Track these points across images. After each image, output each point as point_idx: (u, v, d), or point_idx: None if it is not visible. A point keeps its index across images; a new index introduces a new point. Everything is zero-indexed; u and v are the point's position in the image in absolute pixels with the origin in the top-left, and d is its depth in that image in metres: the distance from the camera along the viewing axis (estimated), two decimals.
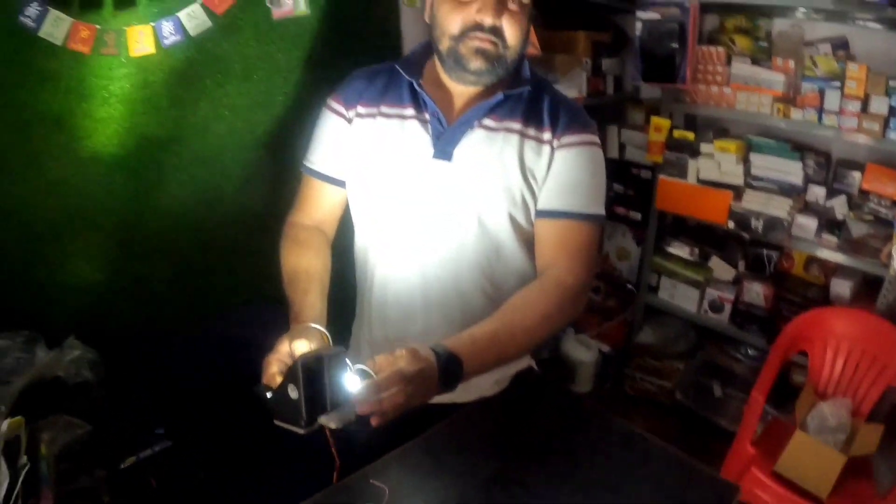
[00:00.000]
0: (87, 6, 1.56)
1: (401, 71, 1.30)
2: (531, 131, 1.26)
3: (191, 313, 1.94)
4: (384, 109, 1.30)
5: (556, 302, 1.19)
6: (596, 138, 1.31)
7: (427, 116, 1.27)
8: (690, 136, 2.54)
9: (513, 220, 1.25)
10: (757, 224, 2.39)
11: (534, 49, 2.17)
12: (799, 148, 2.42)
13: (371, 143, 1.29)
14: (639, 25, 2.51)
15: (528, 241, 1.30)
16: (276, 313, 1.28)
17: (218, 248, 1.89)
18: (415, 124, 1.27)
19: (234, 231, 1.87)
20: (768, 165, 2.41)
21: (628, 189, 2.90)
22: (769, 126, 2.45)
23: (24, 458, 1.34)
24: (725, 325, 2.65)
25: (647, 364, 2.81)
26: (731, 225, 2.46)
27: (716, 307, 2.66)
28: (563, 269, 1.23)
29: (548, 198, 1.27)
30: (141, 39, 1.61)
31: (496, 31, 1.18)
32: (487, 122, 1.26)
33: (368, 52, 2.01)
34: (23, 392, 1.57)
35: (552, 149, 1.26)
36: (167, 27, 1.63)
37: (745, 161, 2.45)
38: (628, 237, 3.05)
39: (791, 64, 2.34)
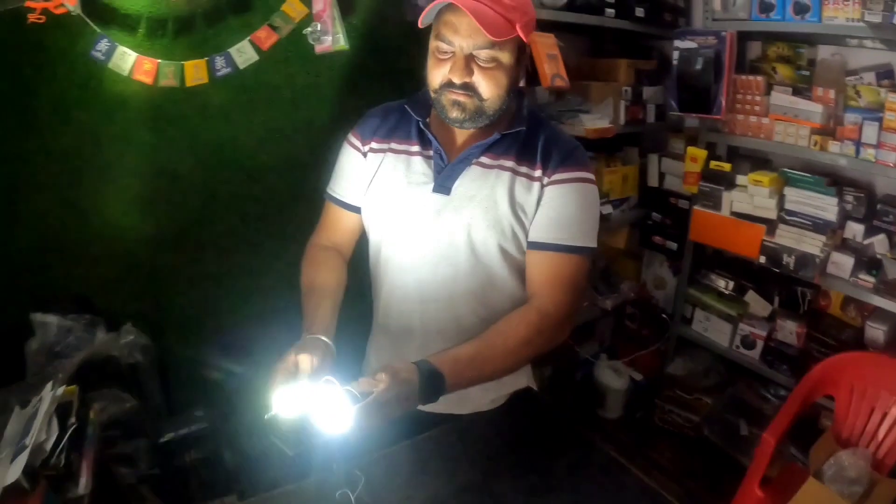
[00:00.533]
0: (149, 44, 1.87)
1: (409, 110, 1.42)
2: (523, 168, 1.35)
3: (236, 310, 2.17)
4: (394, 146, 1.44)
5: (536, 329, 1.28)
6: (589, 175, 1.38)
7: (431, 153, 1.40)
8: (727, 167, 2.52)
9: (503, 250, 1.36)
10: (789, 260, 2.34)
11: (561, 82, 2.21)
12: (837, 182, 2.35)
13: (381, 175, 1.43)
14: (676, 54, 2.52)
15: (519, 269, 1.40)
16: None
17: (263, 254, 2.21)
18: (419, 160, 1.40)
19: (277, 239, 2.17)
20: (802, 200, 2.35)
21: (666, 218, 2.89)
22: (809, 159, 2.39)
23: (73, 419, 1.52)
24: (756, 362, 2.60)
25: (677, 396, 2.80)
26: (762, 260, 2.41)
27: (748, 343, 2.62)
28: (546, 299, 1.33)
29: (537, 231, 1.36)
30: (196, 72, 1.91)
31: (469, 87, 1.26)
32: (484, 159, 1.36)
33: (404, 84, 2.20)
34: (81, 366, 1.85)
35: (542, 185, 1.34)
36: (219, 61, 1.94)
37: (780, 195, 2.40)
38: (665, 267, 3.06)
39: (831, 94, 2.29)
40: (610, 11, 2.52)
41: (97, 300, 2.02)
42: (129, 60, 1.82)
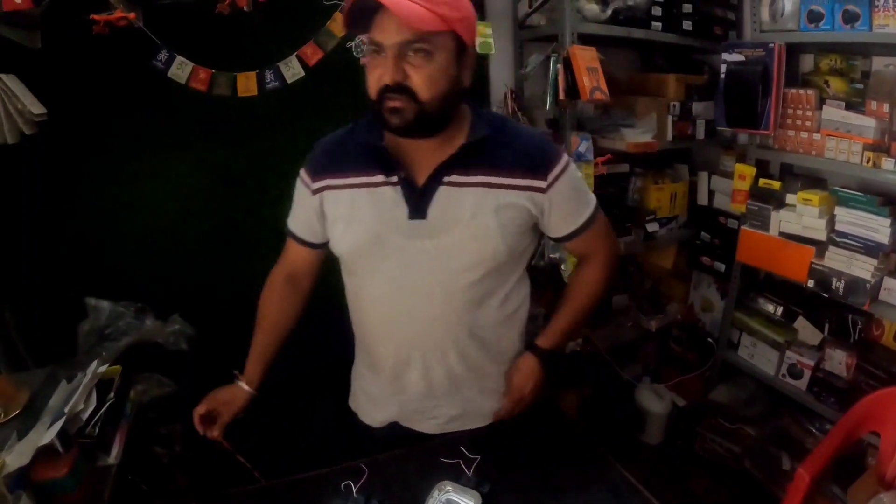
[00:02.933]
0: (204, 55, 2.17)
1: (362, 136, 1.44)
2: (508, 180, 1.40)
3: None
4: (353, 180, 1.44)
5: (605, 278, 1.63)
6: (564, 153, 1.49)
7: (395, 178, 1.40)
8: (776, 185, 2.56)
9: (494, 264, 1.44)
10: (838, 285, 2.34)
11: (601, 95, 2.32)
12: (891, 202, 2.31)
13: (345, 213, 1.44)
14: (723, 67, 2.59)
15: (509, 273, 1.52)
16: (341, 319, 1.65)
17: None
18: (386, 190, 1.41)
19: None
20: (854, 220, 2.33)
21: (715, 238, 2.95)
22: (862, 177, 2.37)
23: (112, 395, 1.78)
24: (802, 393, 2.60)
25: (719, 425, 2.83)
26: (810, 284, 2.42)
27: (795, 373, 2.63)
28: (598, 254, 1.62)
29: (563, 226, 1.52)
30: (247, 83, 2.23)
31: (403, 89, 1.26)
32: (455, 177, 1.39)
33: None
34: (127, 349, 2.10)
35: (543, 192, 1.42)
36: (268, 75, 2.24)
37: (831, 215, 2.40)
38: (713, 289, 3.12)
39: (885, 108, 2.27)
40: (656, 25, 2.63)
41: (148, 290, 2.30)
42: (186, 70, 2.15)
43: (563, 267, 2.46)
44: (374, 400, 1.65)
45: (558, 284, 2.54)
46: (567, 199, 1.48)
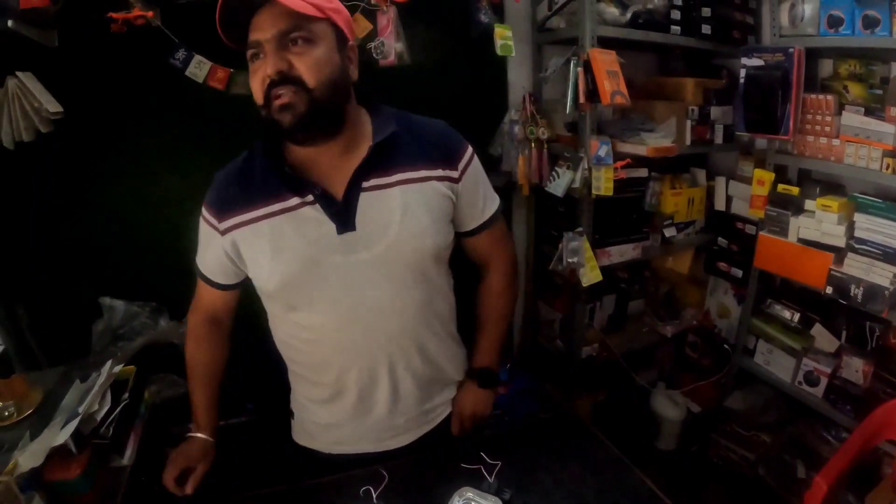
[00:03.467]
0: (221, 54, 2.12)
1: (263, 160, 1.36)
2: (427, 172, 1.37)
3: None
4: (263, 210, 1.33)
5: (509, 287, 1.69)
6: (465, 142, 1.48)
7: (310, 197, 1.32)
8: (795, 191, 2.53)
9: (435, 257, 1.42)
10: (857, 292, 2.32)
11: (622, 99, 2.31)
12: None
13: (266, 247, 1.33)
14: (742, 72, 2.57)
15: (444, 264, 1.52)
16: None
17: None
18: (305, 210, 1.32)
19: None
20: (873, 227, 2.31)
21: (732, 244, 2.92)
22: (882, 184, 2.35)
23: (126, 395, 1.76)
24: (819, 400, 2.57)
25: (734, 432, 2.81)
26: (829, 290, 2.40)
27: (811, 380, 2.60)
28: (499, 259, 1.64)
29: (471, 219, 1.52)
30: None
31: (288, 79, 1.20)
32: (374, 181, 1.33)
33: (475, 98, 2.54)
34: (141, 349, 2.12)
35: (456, 182, 1.42)
36: None
37: (850, 221, 2.38)
38: (729, 295, 3.09)
39: None
40: (675, 28, 2.61)
41: (163, 290, 2.31)
42: (204, 68, 2.13)
43: (581, 272, 2.44)
44: (329, 427, 1.58)
45: (576, 289, 2.53)
46: (475, 189, 1.49)
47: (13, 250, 2.18)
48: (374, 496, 1.38)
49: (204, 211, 1.43)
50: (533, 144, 2.56)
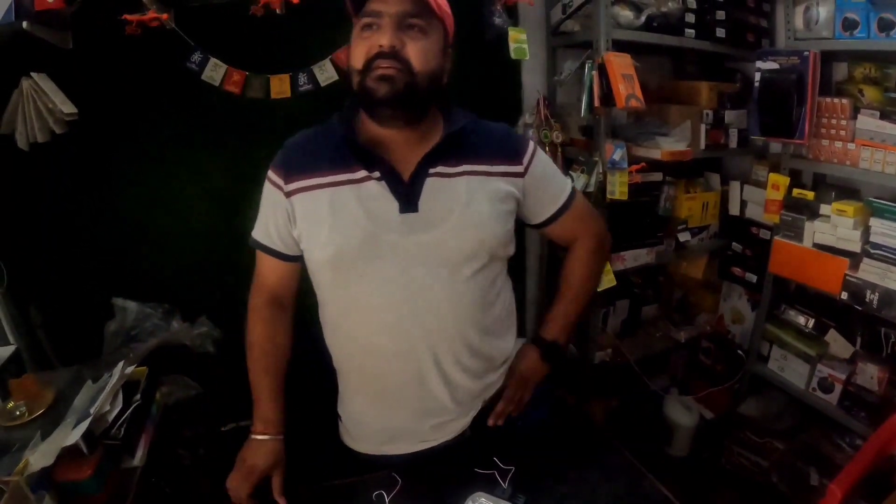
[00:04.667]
0: (237, 57, 2.15)
1: (337, 130, 1.38)
2: (494, 167, 1.41)
3: (308, 310, 2.43)
4: (332, 178, 1.35)
5: (593, 258, 1.65)
6: (529, 139, 1.55)
7: (378, 174, 1.34)
8: (810, 195, 2.50)
9: (490, 250, 1.41)
10: (872, 297, 2.28)
11: (637, 103, 2.29)
12: None
13: (326, 214, 1.34)
14: (757, 75, 2.54)
15: (500, 263, 1.49)
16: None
17: None
18: (370, 184, 1.34)
19: None
20: (889, 232, 2.26)
21: (746, 249, 2.90)
22: None
23: (138, 396, 1.76)
24: (833, 407, 2.53)
25: (747, 438, 2.77)
26: (844, 296, 2.36)
27: (825, 386, 2.56)
28: (584, 236, 1.64)
29: (542, 211, 1.55)
30: (280, 85, 2.21)
31: (398, 57, 1.24)
32: (441, 168, 1.36)
33: (489, 101, 2.53)
34: (154, 351, 2.12)
35: (522, 177, 1.45)
36: (302, 77, 2.22)
37: (865, 226, 2.34)
38: (744, 300, 3.06)
39: None
40: (690, 32, 2.59)
41: (176, 291, 2.32)
42: (220, 72, 2.14)
43: None
44: (390, 431, 1.51)
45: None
46: (542, 182, 1.50)
47: (26, 250, 2.19)
48: (387, 500, 1.37)
49: (270, 174, 1.44)
50: (547, 148, 2.54)
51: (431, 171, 1.36)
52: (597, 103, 2.29)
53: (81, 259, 2.25)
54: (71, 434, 1.51)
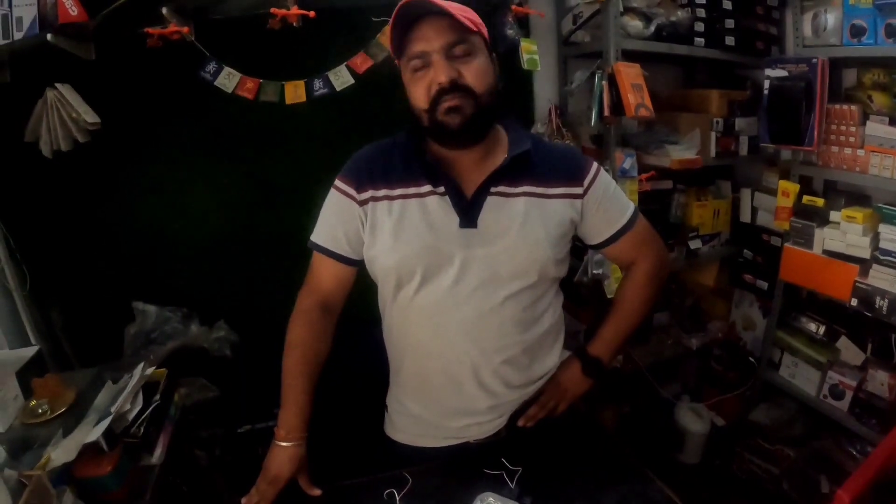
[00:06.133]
0: (254, 69, 2.19)
1: (407, 147, 1.45)
2: (551, 189, 1.45)
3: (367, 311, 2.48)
4: (401, 190, 1.43)
5: (651, 283, 1.63)
6: (594, 161, 1.53)
7: (442, 189, 1.41)
8: (820, 202, 2.51)
9: (543, 271, 1.45)
10: (882, 304, 2.28)
11: (646, 112, 2.32)
12: None
13: (393, 224, 1.41)
14: (766, 83, 2.56)
15: (550, 283, 1.53)
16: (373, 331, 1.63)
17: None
18: (434, 199, 1.41)
19: None
20: None
21: (757, 256, 2.90)
22: None
23: (157, 397, 1.79)
24: (844, 414, 2.53)
25: (758, 445, 2.77)
26: (854, 302, 2.36)
27: (836, 393, 2.56)
28: (642, 260, 1.62)
29: (601, 232, 1.55)
30: (295, 91, 2.23)
31: (458, 87, 1.30)
32: (502, 188, 1.42)
33: (502, 110, 2.49)
34: (172, 353, 2.17)
35: (581, 198, 1.47)
36: (317, 83, 2.23)
37: (875, 233, 2.35)
38: (755, 307, 3.06)
39: None
40: (699, 40, 2.62)
41: (195, 295, 2.37)
42: (233, 79, 2.18)
43: (606, 283, 2.44)
44: (424, 423, 1.58)
45: (601, 301, 2.53)
46: (603, 202, 1.51)
47: (49, 255, 2.25)
48: (398, 499, 1.39)
49: (339, 183, 1.50)
50: None
51: (493, 189, 1.42)
52: (606, 113, 2.32)
53: (103, 264, 2.31)
54: (92, 431, 1.54)
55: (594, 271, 2.43)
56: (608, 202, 1.52)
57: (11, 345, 2.18)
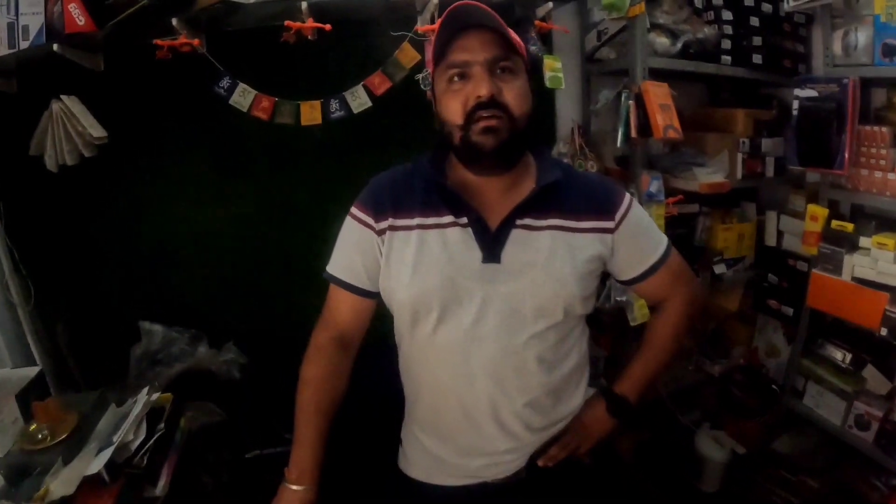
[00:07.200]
0: (268, 83, 2.11)
1: (427, 173, 1.36)
2: (581, 223, 1.35)
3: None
4: (420, 220, 1.35)
5: (683, 322, 1.55)
6: (627, 193, 1.44)
7: (465, 220, 1.33)
8: (849, 227, 2.41)
9: (569, 309, 1.35)
10: None
11: (675, 133, 2.23)
12: None
13: (412, 255, 1.33)
14: (795, 103, 2.47)
15: (575, 320, 1.43)
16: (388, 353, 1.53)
17: None
18: (456, 231, 1.33)
19: None
20: None
21: (782, 281, 2.81)
22: None
23: (161, 425, 1.75)
24: (869, 446, 2.44)
25: (780, 476, 2.67)
26: (883, 332, 2.26)
27: (862, 424, 2.47)
28: (674, 298, 1.54)
29: (630, 269, 1.46)
30: (311, 112, 2.14)
31: (497, 105, 1.22)
32: (528, 220, 1.33)
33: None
34: (179, 376, 2.12)
35: (611, 233, 1.38)
36: (333, 104, 2.14)
37: None
38: (779, 333, 2.97)
39: None
40: (726, 59, 2.54)
41: (203, 316, 2.31)
42: (248, 97, 2.10)
43: (629, 311, 2.35)
44: (440, 460, 1.47)
45: (623, 328, 2.45)
46: (635, 238, 1.42)
47: (55, 270, 2.20)
48: None
49: (357, 211, 1.42)
50: None
51: (518, 222, 1.33)
52: (633, 134, 2.23)
53: (109, 281, 2.25)
54: (93, 463, 1.49)
55: (617, 298, 2.33)
56: (641, 237, 1.43)
57: (15, 361, 2.13)
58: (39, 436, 1.63)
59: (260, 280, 2.39)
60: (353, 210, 1.42)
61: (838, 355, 2.61)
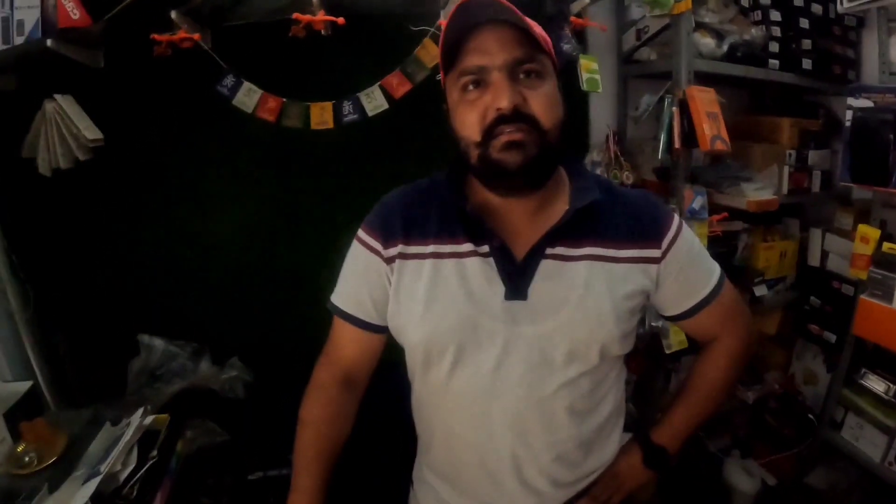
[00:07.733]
0: (276, 82, 1.97)
1: (445, 193, 1.20)
2: (622, 252, 1.17)
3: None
4: (436, 248, 1.18)
5: (734, 365, 1.36)
6: (675, 214, 1.26)
7: (487, 250, 1.16)
8: None
9: (605, 350, 1.18)
10: None
11: (723, 145, 2.05)
12: None
13: (425, 289, 1.17)
14: (849, 114, 2.27)
15: (612, 364, 1.25)
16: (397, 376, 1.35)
17: None
18: (476, 261, 1.16)
19: None
20: None
21: (825, 305, 2.62)
22: None
23: (154, 452, 1.63)
24: None
25: None
26: None
27: None
28: (727, 336, 1.35)
29: (677, 304, 1.28)
30: (322, 114, 1.99)
31: (521, 116, 1.04)
32: (560, 249, 1.16)
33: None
34: (178, 394, 2.01)
35: (657, 263, 1.20)
36: (346, 106, 1.98)
37: None
38: (819, 360, 2.80)
39: None
40: (774, 63, 2.36)
41: (207, 329, 2.19)
42: (254, 97, 1.96)
43: (664, 339, 2.20)
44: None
45: (658, 355, 2.30)
46: (684, 269, 1.23)
47: (53, 277, 2.09)
48: None
49: (364, 235, 1.25)
50: None
51: (549, 251, 1.15)
52: (677, 144, 2.05)
53: (107, 291, 2.14)
54: (78, 493, 1.40)
55: (652, 323, 2.17)
56: (690, 267, 1.24)
57: (13, 370, 2.03)
58: (26, 458, 1.53)
59: (266, 292, 2.26)
60: (360, 233, 1.26)
61: (881, 387, 2.43)
